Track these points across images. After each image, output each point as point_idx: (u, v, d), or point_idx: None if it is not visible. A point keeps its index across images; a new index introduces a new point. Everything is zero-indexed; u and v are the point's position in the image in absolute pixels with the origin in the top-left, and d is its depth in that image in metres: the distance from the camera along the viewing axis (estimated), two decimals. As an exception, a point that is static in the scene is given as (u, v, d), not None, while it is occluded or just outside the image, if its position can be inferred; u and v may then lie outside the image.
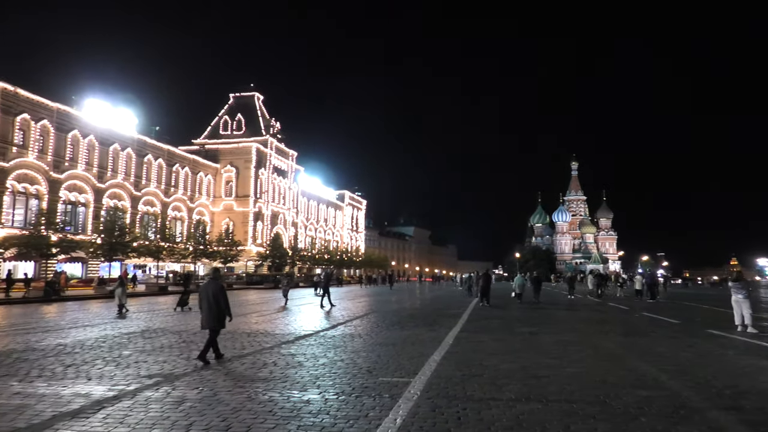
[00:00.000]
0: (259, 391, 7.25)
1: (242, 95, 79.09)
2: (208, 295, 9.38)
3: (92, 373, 8.55)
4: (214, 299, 9.37)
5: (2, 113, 40.75)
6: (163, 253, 48.13)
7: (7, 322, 17.20)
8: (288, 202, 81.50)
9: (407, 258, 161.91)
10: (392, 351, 11.07)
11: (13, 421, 5.86)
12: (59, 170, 45.93)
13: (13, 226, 40.31)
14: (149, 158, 57.58)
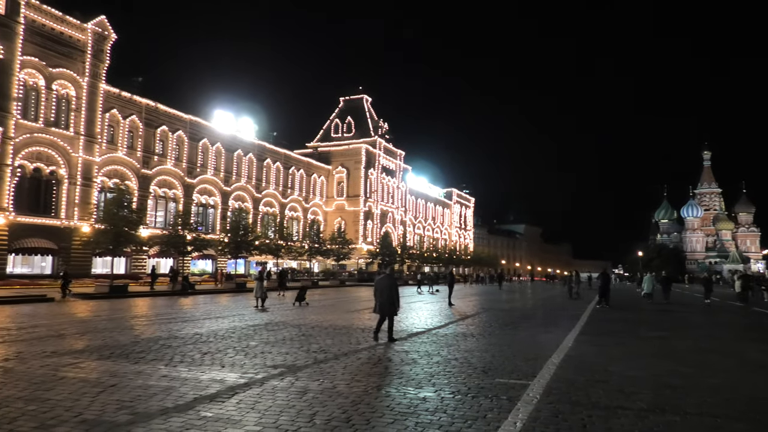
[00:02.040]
0: (376, 386, 7.41)
1: (352, 98, 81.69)
2: (383, 288, 11.68)
3: (225, 361, 9.28)
4: (388, 291, 11.60)
5: (145, 126, 45.83)
6: (281, 251, 51.19)
7: (153, 312, 19.29)
8: (396, 201, 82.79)
9: (518, 256, 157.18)
10: (507, 352, 10.78)
11: (162, 401, 6.53)
12: (192, 176, 50.67)
13: (156, 227, 45.16)
14: (268, 162, 61.55)
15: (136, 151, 44.91)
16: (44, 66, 36.73)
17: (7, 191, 33.73)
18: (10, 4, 33.80)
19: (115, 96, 42.71)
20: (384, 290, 11.62)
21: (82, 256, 38.95)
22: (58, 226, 37.55)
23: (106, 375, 7.98)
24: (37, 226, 36.31)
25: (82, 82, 39.27)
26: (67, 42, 38.40)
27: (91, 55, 39.79)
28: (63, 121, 38.33)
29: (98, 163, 40.71)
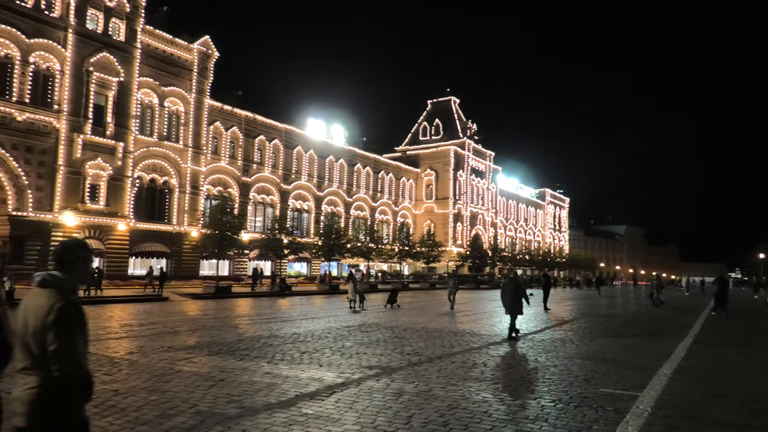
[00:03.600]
0: (472, 391, 7.29)
1: (439, 101, 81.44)
2: (510, 290, 13.12)
3: (323, 361, 9.58)
4: (515, 292, 13.03)
5: (245, 137, 48.68)
6: (372, 253, 52.07)
7: (254, 312, 20.39)
8: (486, 203, 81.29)
9: (618, 259, 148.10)
10: (611, 360, 10.17)
11: (266, 396, 6.87)
12: (287, 182, 53.04)
13: (255, 231, 47.76)
14: (358, 167, 62.96)
15: (236, 160, 47.81)
16: (157, 85, 40.21)
17: (127, 200, 37.30)
18: (129, 31, 37.40)
19: (218, 109, 45.78)
20: (510, 292, 13.06)
21: (191, 258, 42.10)
22: (170, 232, 40.87)
23: (216, 370, 8.53)
24: (153, 231, 39.74)
25: (190, 99, 42.52)
26: (176, 62, 41.79)
27: (197, 73, 42.98)
28: (174, 135, 41.72)
29: (204, 173, 43.83)
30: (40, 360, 2.65)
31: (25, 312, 2.77)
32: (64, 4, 33.80)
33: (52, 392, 2.64)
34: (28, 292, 2.98)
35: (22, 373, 2.72)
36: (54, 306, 2.66)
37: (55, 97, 33.43)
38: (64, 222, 33.38)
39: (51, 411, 2.64)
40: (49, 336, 2.62)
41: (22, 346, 2.73)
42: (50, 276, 2.78)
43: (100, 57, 35.06)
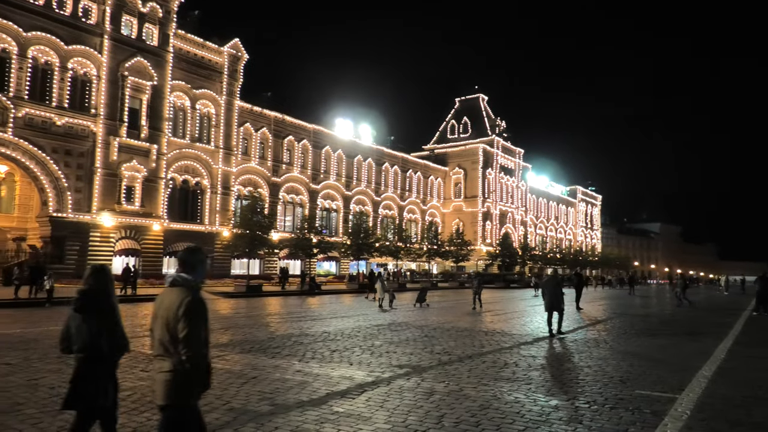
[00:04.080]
0: (504, 391, 7.21)
1: (467, 98, 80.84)
2: (550, 288, 13.70)
3: (353, 359, 9.62)
4: (554, 290, 13.54)
5: (274, 137, 49.27)
6: (401, 252, 52.06)
7: (285, 311, 20.63)
8: (516, 201, 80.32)
9: (652, 258, 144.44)
10: (647, 361, 9.92)
11: (298, 394, 6.93)
12: (316, 182, 53.46)
13: (285, 231, 48.30)
14: (386, 166, 63.01)
15: (266, 160, 48.43)
16: (189, 88, 41.06)
17: (161, 201, 38.21)
18: (161, 36, 38.28)
19: (247, 111, 46.45)
20: (550, 290, 13.58)
21: (223, 258, 42.87)
22: (202, 231, 41.69)
23: (248, 368, 8.66)
24: (186, 231, 40.60)
25: (220, 101, 43.28)
26: (207, 65, 42.59)
27: (227, 75, 43.71)
28: (205, 137, 42.52)
29: (235, 173, 44.54)
30: (173, 347, 3.22)
31: (159, 306, 3.35)
32: (100, 11, 34.81)
33: (182, 375, 3.20)
34: (162, 290, 3.58)
35: (158, 358, 3.31)
36: (183, 300, 3.22)
37: (92, 102, 34.48)
38: (102, 222, 34.40)
39: (184, 392, 3.23)
40: (180, 325, 3.18)
41: (158, 336, 3.30)
42: (179, 276, 3.37)
43: (134, 62, 36.00)
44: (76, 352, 3.90)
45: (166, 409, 3.27)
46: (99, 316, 3.87)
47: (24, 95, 31.40)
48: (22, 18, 31.23)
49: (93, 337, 3.82)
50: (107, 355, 3.86)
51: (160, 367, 3.27)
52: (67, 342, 3.98)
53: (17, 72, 31.22)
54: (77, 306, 3.89)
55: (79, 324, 3.87)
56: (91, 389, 3.80)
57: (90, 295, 3.92)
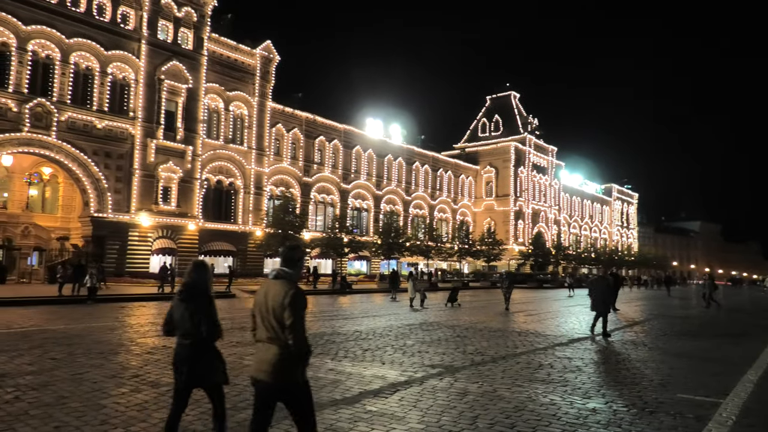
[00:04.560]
0: (539, 393, 7.09)
1: (499, 96, 79.94)
2: (597, 289, 13.46)
3: (385, 358, 9.62)
4: (603, 291, 13.32)
5: (305, 138, 49.77)
6: (431, 252, 51.89)
7: (317, 310, 20.80)
8: (549, 200, 79.02)
9: (692, 257, 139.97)
10: (688, 364, 9.62)
11: (331, 392, 6.97)
12: (347, 181, 53.76)
13: (316, 230, 48.74)
14: (417, 165, 62.87)
15: (298, 160, 48.95)
16: (223, 90, 41.84)
17: (197, 201, 39.07)
18: (196, 40, 39.13)
19: (279, 112, 47.04)
20: (598, 291, 13.39)
21: (255, 257, 43.53)
22: (236, 231, 42.43)
23: (282, 365, 8.74)
24: (220, 231, 41.41)
25: (253, 102, 43.96)
26: (240, 67, 43.33)
27: (260, 77, 44.36)
28: (238, 138, 43.27)
29: (267, 174, 45.17)
30: (280, 332, 3.67)
31: (265, 297, 3.78)
32: (137, 17, 35.81)
33: (289, 356, 3.66)
34: (263, 282, 4.11)
35: (266, 342, 3.75)
36: (288, 292, 3.67)
37: (131, 105, 35.50)
38: (140, 222, 35.38)
39: (291, 371, 3.69)
40: (286, 314, 3.63)
41: (266, 323, 3.75)
42: (282, 271, 3.85)
43: (170, 65, 36.90)
44: (179, 337, 4.42)
45: (275, 387, 3.73)
46: (199, 305, 4.36)
47: (66, 100, 32.56)
48: (65, 25, 32.38)
49: (195, 323, 4.33)
50: (207, 339, 4.36)
51: (267, 351, 3.73)
52: (170, 326, 4.49)
53: (60, 77, 32.39)
54: (183, 296, 4.41)
55: (183, 312, 4.38)
56: (201, 370, 4.35)
57: (192, 287, 4.44)
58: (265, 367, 3.71)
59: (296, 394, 3.77)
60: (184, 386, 4.39)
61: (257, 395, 3.86)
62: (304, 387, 3.81)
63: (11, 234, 34.66)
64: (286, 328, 3.63)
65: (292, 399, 3.77)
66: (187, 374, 4.32)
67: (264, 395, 3.81)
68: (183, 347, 4.38)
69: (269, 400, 3.82)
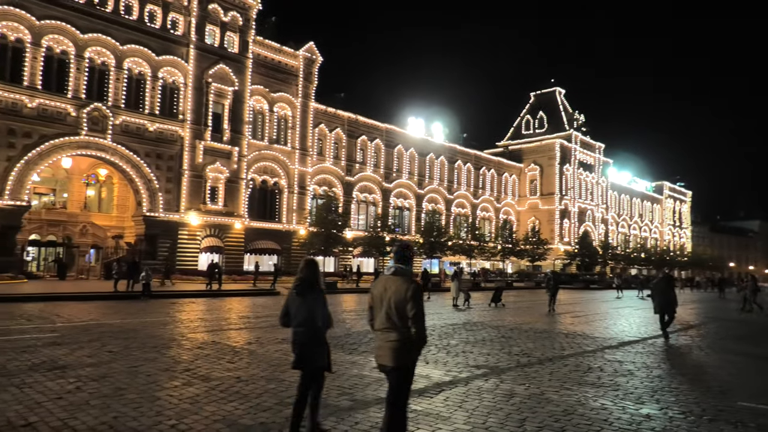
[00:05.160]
0: (588, 397, 6.89)
1: (543, 92, 78.30)
2: (660, 289, 13.67)
3: (429, 358, 9.58)
4: (665, 292, 13.54)
5: (348, 137, 50.19)
6: (474, 251, 51.35)
7: (360, 308, 20.91)
8: (596, 198, 76.82)
9: (750, 258, 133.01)
10: (748, 370, 9.15)
11: (376, 391, 6.98)
12: (389, 180, 53.88)
13: (358, 229, 49.09)
14: (459, 164, 62.35)
15: (340, 160, 49.43)
16: (267, 92, 42.71)
17: (242, 201, 40.05)
18: (242, 43, 40.10)
19: (322, 112, 47.62)
20: (661, 291, 13.57)
21: (299, 255, 44.16)
22: (280, 230, 43.24)
23: (327, 363, 8.84)
24: (265, 229, 42.29)
25: (296, 103, 44.67)
26: (284, 69, 44.11)
27: (303, 78, 45.03)
28: (282, 138, 44.07)
29: (310, 173, 45.82)
30: (400, 322, 4.13)
31: (385, 291, 4.26)
32: (186, 22, 36.98)
33: (409, 344, 4.12)
34: (380, 278, 4.51)
35: (385, 331, 4.22)
36: (410, 286, 4.15)
37: (180, 108, 36.70)
38: (189, 221, 36.54)
39: (408, 356, 4.15)
40: (408, 306, 4.09)
41: (385, 314, 4.20)
42: (399, 268, 4.36)
43: (217, 69, 37.94)
44: (294, 326, 4.97)
45: (394, 370, 4.19)
46: (313, 298, 4.92)
47: (120, 104, 33.97)
48: (119, 33, 33.78)
49: (309, 314, 4.89)
50: (320, 328, 4.92)
51: (387, 338, 4.19)
52: (286, 318, 5.09)
53: (115, 82, 33.82)
54: (298, 290, 4.97)
55: (299, 304, 4.94)
56: (311, 354, 4.89)
57: (306, 282, 4.98)
58: (387, 353, 4.19)
59: (403, 374, 4.21)
60: (304, 368, 4.93)
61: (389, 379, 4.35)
62: (411, 369, 4.28)
63: (71, 232, 36.48)
64: (408, 319, 4.09)
65: (399, 376, 4.21)
66: (307, 358, 4.89)
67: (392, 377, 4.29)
68: (298, 335, 4.94)
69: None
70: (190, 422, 5.46)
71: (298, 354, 4.91)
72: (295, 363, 4.98)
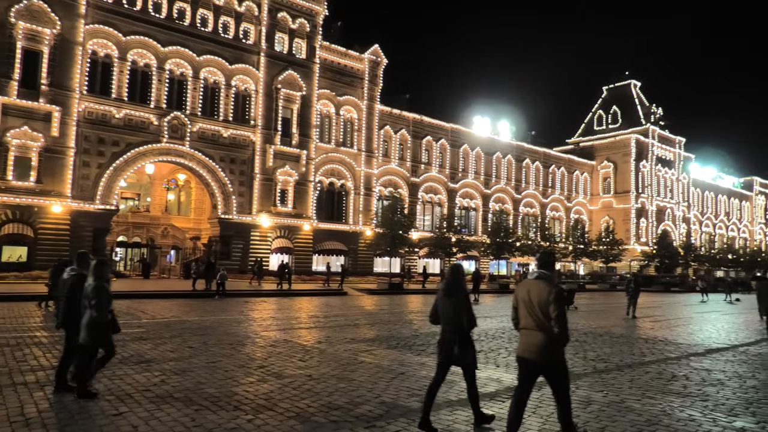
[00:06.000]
0: (674, 407, 6.47)
1: (616, 86, 74.79)
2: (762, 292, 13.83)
3: (499, 361, 9.37)
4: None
5: (412, 138, 50.22)
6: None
7: (427, 309, 20.82)
8: (676, 195, 72.39)
9: None
10: None
11: (446, 393, 6.91)
12: (454, 180, 53.39)
13: (424, 230, 48.96)
14: (527, 162, 60.76)
15: (405, 161, 49.53)
16: (334, 96, 43.56)
17: (311, 203, 41.06)
18: (309, 49, 41.15)
19: (387, 114, 47.93)
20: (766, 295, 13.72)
21: (365, 256, 44.74)
22: (347, 231, 43.93)
23: (395, 363, 8.86)
24: (332, 231, 43.12)
25: (362, 106, 45.25)
26: (349, 72, 44.82)
27: (368, 81, 45.54)
28: (348, 141, 44.79)
29: (376, 175, 46.24)
30: (544, 322, 4.56)
31: (528, 294, 4.71)
32: (257, 31, 38.41)
33: (552, 341, 4.57)
34: (523, 281, 4.96)
35: (531, 329, 4.67)
36: (552, 290, 4.57)
37: (251, 114, 38.16)
38: (261, 223, 37.90)
39: (552, 352, 4.61)
40: (551, 307, 4.52)
41: (531, 314, 4.66)
42: (542, 273, 4.79)
43: (286, 75, 39.13)
44: (443, 325, 5.46)
45: (538, 365, 4.64)
46: (459, 300, 5.37)
47: (197, 112, 35.78)
48: (196, 44, 35.61)
49: (455, 314, 5.34)
50: (465, 328, 5.35)
51: (534, 336, 4.64)
52: (435, 317, 5.59)
53: (192, 92, 35.68)
54: (445, 292, 5.45)
55: (446, 305, 5.41)
56: (461, 353, 5.33)
57: (452, 284, 5.47)
58: (532, 349, 4.64)
59: (558, 371, 4.68)
60: (443, 362, 5.46)
61: (523, 370, 4.81)
62: (564, 366, 4.72)
63: (153, 234, 38.86)
64: (551, 319, 4.51)
65: (554, 374, 4.68)
66: (446, 353, 5.38)
67: (530, 371, 4.74)
68: (446, 333, 5.41)
69: (533, 375, 4.77)
70: (266, 417, 5.62)
71: (446, 351, 5.37)
72: (442, 358, 5.46)
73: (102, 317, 6.18)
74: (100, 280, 6.25)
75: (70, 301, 6.45)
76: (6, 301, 17.85)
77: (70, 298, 6.46)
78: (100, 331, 6.18)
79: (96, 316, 6.13)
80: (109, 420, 5.43)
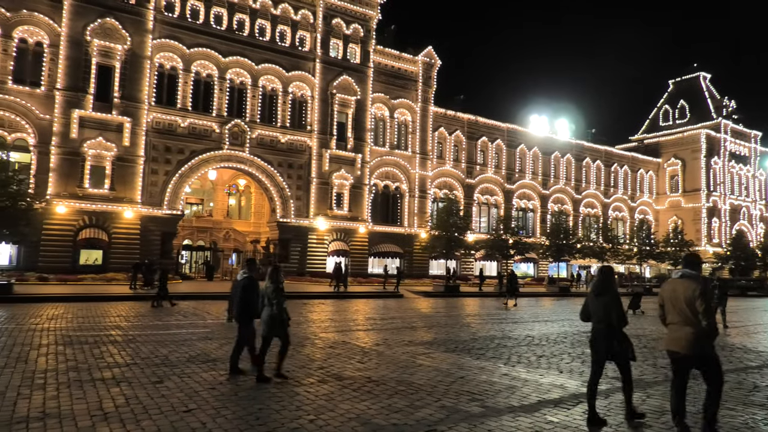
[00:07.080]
0: (758, 419, 6.04)
1: (684, 79, 71.07)
2: None
3: (562, 366, 9.07)
4: None
5: (467, 139, 49.67)
6: (606, 254, 47.96)
7: (484, 312, 20.53)
8: (752, 193, 67.82)
9: None
10: None
11: (507, 398, 6.75)
12: (511, 181, 52.35)
13: (480, 232, 48.29)
14: (587, 161, 58.73)
15: (460, 162, 49.06)
16: (388, 99, 43.78)
17: (366, 206, 41.41)
18: (363, 53, 41.58)
19: (441, 115, 47.66)
20: None
21: (421, 258, 44.60)
22: (402, 233, 43.98)
23: (455, 367, 8.75)
24: (387, 233, 43.28)
25: (416, 108, 45.21)
26: (403, 75, 44.92)
27: (422, 83, 45.47)
28: (402, 143, 44.87)
29: (430, 177, 46.05)
30: (690, 317, 4.99)
31: (675, 292, 5.17)
32: (312, 38, 39.21)
33: (700, 334, 4.94)
34: (668, 281, 5.44)
35: (678, 324, 5.11)
36: (698, 287, 4.98)
37: (308, 119, 38.97)
38: (317, 226, 38.58)
39: (701, 344, 4.99)
40: (698, 302, 4.93)
41: (678, 310, 5.10)
42: (687, 272, 5.22)
43: (341, 80, 39.70)
44: (594, 323, 5.80)
45: (689, 356, 5.01)
46: (609, 299, 5.69)
47: (256, 119, 36.92)
48: (254, 53, 36.78)
49: (605, 313, 5.67)
50: (616, 325, 5.64)
51: (684, 329, 5.04)
52: (586, 314, 5.98)
53: (251, 99, 36.87)
54: (596, 292, 5.80)
55: (597, 304, 5.75)
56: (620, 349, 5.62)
57: (602, 285, 5.80)
58: (682, 343, 5.04)
59: (710, 362, 5.03)
60: (599, 358, 5.73)
61: (676, 363, 5.18)
62: (716, 357, 5.11)
63: (216, 238, 40.36)
64: (699, 314, 4.91)
65: (707, 366, 5.04)
66: (603, 350, 5.66)
67: (682, 363, 5.11)
68: (598, 331, 5.73)
69: (686, 367, 5.11)
70: (327, 419, 5.68)
71: (603, 348, 5.64)
72: (598, 355, 5.74)
73: (281, 314, 7.29)
74: (277, 283, 7.37)
75: (242, 300, 7.54)
76: (84, 302, 19.03)
77: (243, 298, 7.54)
78: (278, 324, 7.30)
79: (276, 313, 7.26)
80: (180, 416, 5.65)
